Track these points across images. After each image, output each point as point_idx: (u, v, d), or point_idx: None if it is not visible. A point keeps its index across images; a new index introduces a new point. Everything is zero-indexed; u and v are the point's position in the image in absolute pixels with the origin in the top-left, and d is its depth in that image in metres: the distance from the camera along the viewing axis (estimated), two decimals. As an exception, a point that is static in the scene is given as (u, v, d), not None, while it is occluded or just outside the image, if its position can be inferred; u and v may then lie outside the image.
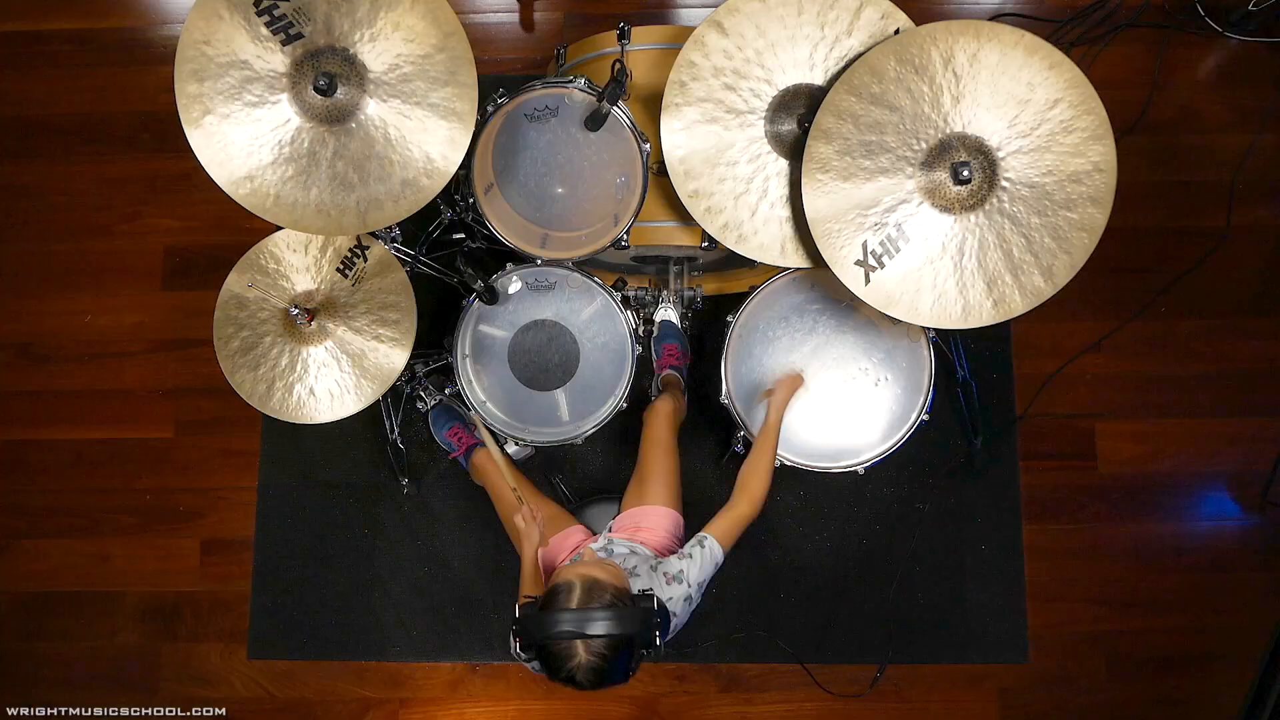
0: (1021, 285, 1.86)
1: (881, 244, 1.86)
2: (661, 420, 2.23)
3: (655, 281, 2.60)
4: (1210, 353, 2.80)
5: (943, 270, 1.87)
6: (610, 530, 2.12)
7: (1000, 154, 1.83)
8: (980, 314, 1.88)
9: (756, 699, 2.69)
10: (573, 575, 1.65)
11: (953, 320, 1.88)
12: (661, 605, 1.65)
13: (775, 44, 1.91)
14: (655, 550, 1.98)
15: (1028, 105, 1.82)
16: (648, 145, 2.01)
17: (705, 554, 1.81)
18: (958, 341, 2.67)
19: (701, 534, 1.85)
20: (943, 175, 1.83)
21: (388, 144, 1.81)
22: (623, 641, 1.58)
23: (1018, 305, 1.87)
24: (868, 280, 1.87)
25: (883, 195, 1.86)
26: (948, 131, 1.83)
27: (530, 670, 1.77)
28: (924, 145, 1.84)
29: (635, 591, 1.66)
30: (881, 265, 1.87)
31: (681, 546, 2.07)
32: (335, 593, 2.72)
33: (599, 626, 1.55)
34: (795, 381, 2.14)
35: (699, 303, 2.55)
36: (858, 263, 1.87)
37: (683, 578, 1.77)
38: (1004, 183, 1.84)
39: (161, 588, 2.78)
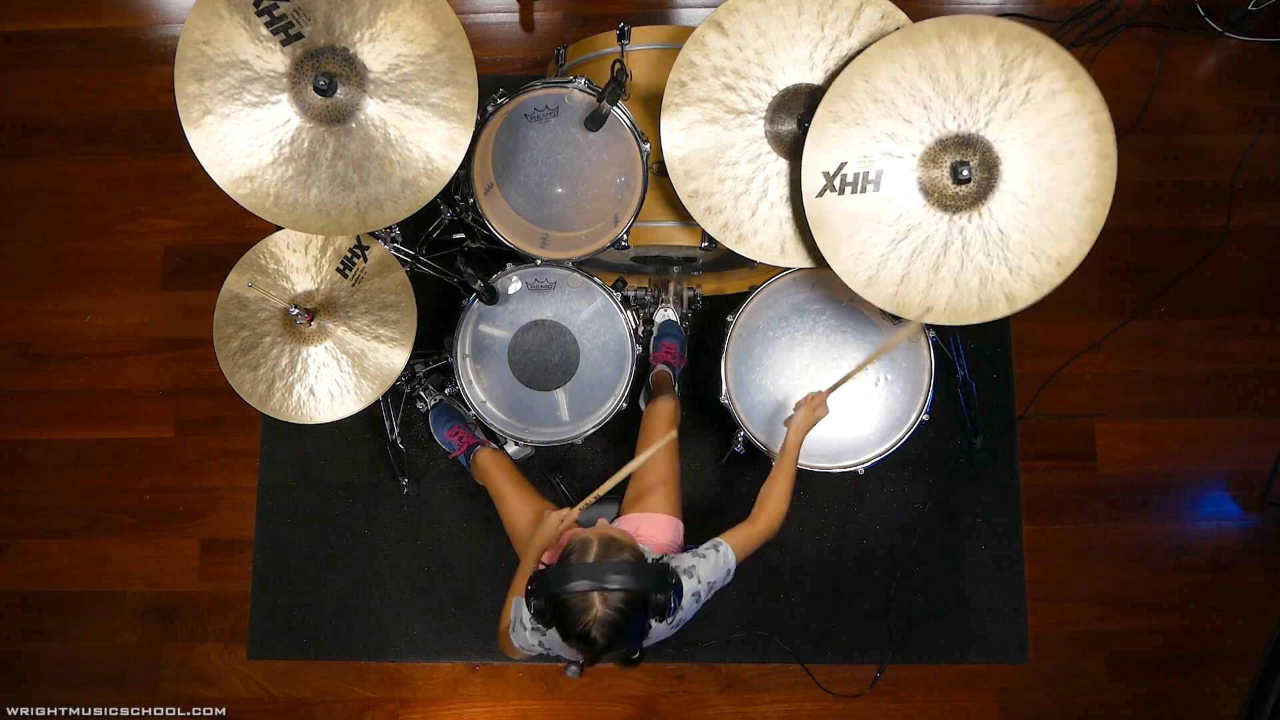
0: (930, 299, 1.87)
1: (856, 175, 1.85)
2: (663, 424, 2.21)
3: (655, 281, 2.60)
4: (1210, 353, 2.80)
5: (881, 236, 1.86)
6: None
7: (1003, 187, 1.82)
8: (878, 294, 1.88)
9: (756, 699, 2.69)
10: (589, 533, 1.64)
11: (853, 282, 1.88)
12: (675, 573, 1.64)
13: (775, 44, 1.91)
14: (656, 552, 1.97)
15: (1056, 167, 1.80)
16: (648, 145, 2.01)
17: (719, 557, 1.79)
18: (958, 341, 2.66)
19: (718, 539, 1.82)
20: (947, 163, 1.82)
21: (388, 144, 1.81)
22: (639, 598, 1.56)
23: (910, 310, 1.88)
24: (821, 194, 1.86)
25: (891, 138, 1.84)
26: (981, 133, 1.82)
27: (535, 653, 1.77)
28: (953, 129, 1.82)
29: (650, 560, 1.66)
30: (840, 191, 1.86)
31: (680, 552, 2.07)
32: (335, 593, 2.72)
33: (616, 580, 1.54)
34: (818, 408, 1.99)
35: (699, 303, 2.55)
36: (825, 173, 1.86)
37: (694, 573, 1.75)
38: (983, 212, 1.83)
39: (161, 588, 2.78)
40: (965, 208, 1.84)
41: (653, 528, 2.05)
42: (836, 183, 1.85)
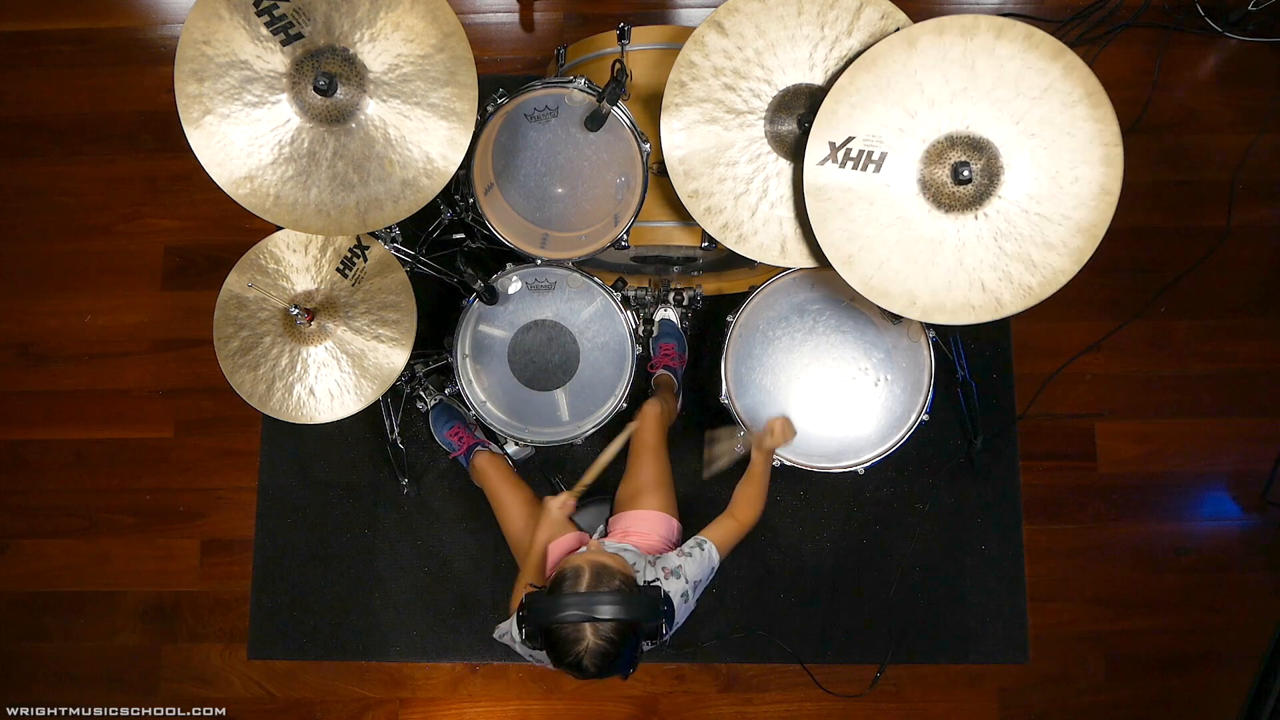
0: (898, 291, 1.86)
1: (860, 151, 1.84)
2: (649, 423, 2.22)
3: (655, 281, 2.60)
4: (1210, 353, 2.80)
5: (871, 218, 1.86)
6: (603, 534, 2.12)
7: (1000, 196, 1.82)
8: (852, 273, 1.87)
9: (756, 699, 2.69)
10: (581, 561, 1.65)
11: (834, 256, 1.87)
12: (667, 596, 1.65)
13: (775, 44, 1.91)
14: (647, 552, 1.97)
15: (1057, 189, 1.80)
16: (648, 145, 2.01)
17: (704, 555, 1.82)
18: (958, 341, 2.66)
19: (701, 537, 1.86)
20: (950, 161, 1.81)
21: (388, 144, 1.81)
22: (630, 627, 1.58)
23: (881, 296, 1.86)
24: (822, 162, 1.85)
25: (903, 123, 1.83)
26: (989, 138, 1.80)
27: (532, 663, 1.77)
28: (965, 128, 1.81)
29: (642, 582, 1.67)
30: (842, 165, 1.85)
31: (674, 549, 2.08)
32: (335, 593, 2.72)
33: (607, 610, 1.55)
34: (785, 430, 2.05)
35: (699, 303, 2.55)
36: (831, 144, 1.85)
37: (681, 573, 1.78)
38: (976, 217, 1.82)
39: (161, 588, 2.78)
40: (960, 209, 1.83)
41: (645, 525, 2.05)
42: (840, 155, 1.84)
